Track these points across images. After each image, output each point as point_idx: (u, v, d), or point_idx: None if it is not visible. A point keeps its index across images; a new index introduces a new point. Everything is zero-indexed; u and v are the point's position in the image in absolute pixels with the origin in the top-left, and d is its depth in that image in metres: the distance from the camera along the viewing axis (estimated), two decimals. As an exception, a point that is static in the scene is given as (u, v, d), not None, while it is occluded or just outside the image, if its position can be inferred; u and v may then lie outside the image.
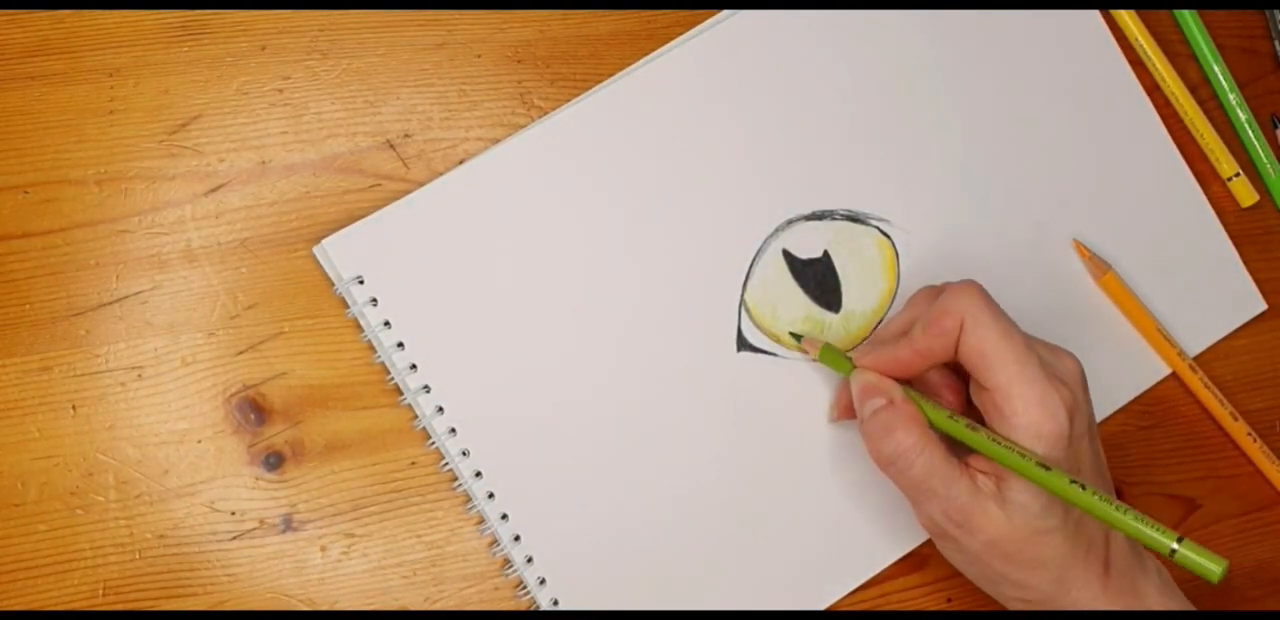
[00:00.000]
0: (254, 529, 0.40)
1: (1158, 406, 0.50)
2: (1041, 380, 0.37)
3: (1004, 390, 0.37)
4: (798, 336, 0.44)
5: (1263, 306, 0.51)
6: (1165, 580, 0.40)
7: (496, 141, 0.43)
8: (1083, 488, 0.35)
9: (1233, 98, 0.51)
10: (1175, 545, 0.34)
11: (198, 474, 0.40)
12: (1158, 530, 0.34)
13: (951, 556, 0.40)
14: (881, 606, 0.45)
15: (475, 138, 0.43)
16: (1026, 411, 0.37)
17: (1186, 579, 0.42)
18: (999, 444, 0.37)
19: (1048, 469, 0.36)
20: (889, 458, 0.38)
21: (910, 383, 0.40)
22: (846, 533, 0.44)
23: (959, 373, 0.41)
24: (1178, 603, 0.40)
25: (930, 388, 0.41)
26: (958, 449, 0.38)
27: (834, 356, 0.42)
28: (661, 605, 0.42)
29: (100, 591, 0.39)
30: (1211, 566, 0.33)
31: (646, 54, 0.44)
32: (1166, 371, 0.49)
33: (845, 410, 0.43)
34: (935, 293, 0.41)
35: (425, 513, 0.41)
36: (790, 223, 0.44)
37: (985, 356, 0.37)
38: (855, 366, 0.41)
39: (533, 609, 0.42)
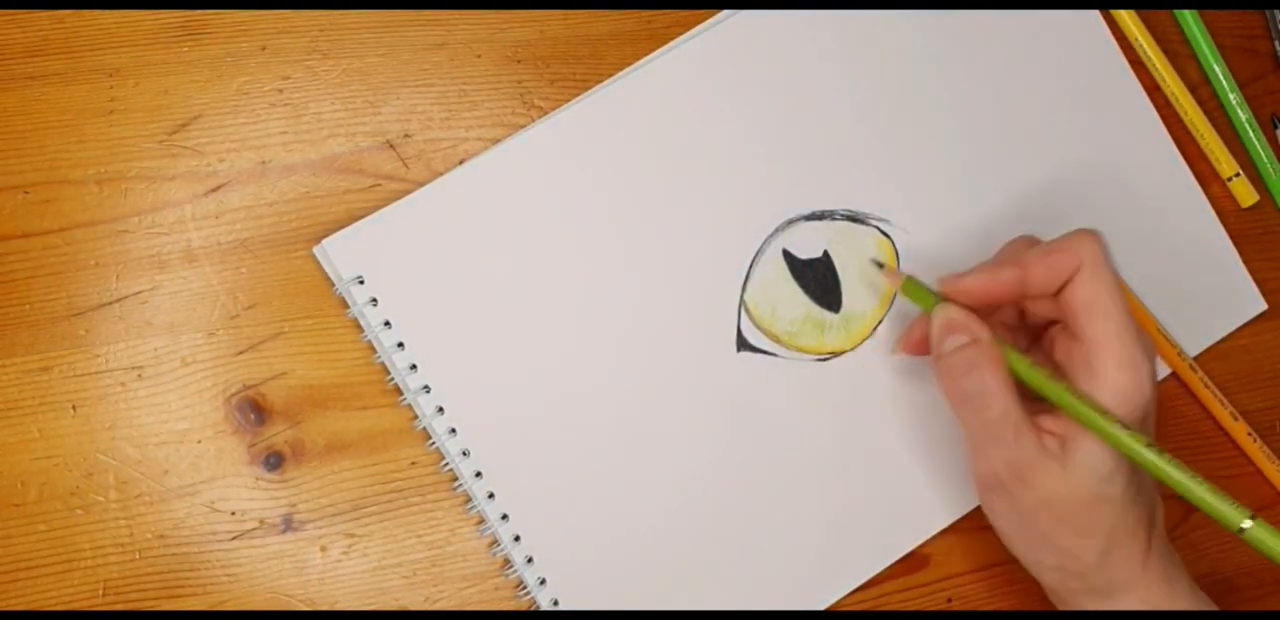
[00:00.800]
0: (254, 529, 0.40)
1: (1158, 406, 0.49)
2: (1135, 344, 0.36)
3: (1101, 345, 0.36)
4: (880, 265, 0.43)
5: (1263, 306, 0.51)
6: (1191, 579, 0.40)
7: (496, 141, 0.43)
8: (1159, 453, 0.35)
9: (1233, 98, 0.51)
10: (1248, 522, 0.33)
11: (198, 474, 0.40)
12: (1231, 505, 0.34)
13: (998, 512, 0.39)
14: (881, 606, 0.45)
15: (475, 138, 0.43)
16: (1119, 370, 0.36)
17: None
18: (1079, 398, 0.36)
19: (1127, 429, 0.35)
20: (967, 395, 0.37)
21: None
22: (846, 533, 0.44)
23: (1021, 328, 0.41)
24: (1203, 603, 0.39)
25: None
26: (1028, 406, 0.38)
27: (918, 290, 0.41)
28: (661, 605, 0.42)
29: (100, 591, 0.39)
30: None
31: (646, 54, 0.44)
32: (1166, 371, 0.49)
33: (915, 345, 0.42)
34: (1033, 241, 0.40)
35: (425, 513, 0.41)
36: (790, 223, 0.44)
37: (1093, 307, 0.37)
38: (941, 300, 0.39)
39: (533, 609, 0.42)
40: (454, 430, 0.41)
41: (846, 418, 0.44)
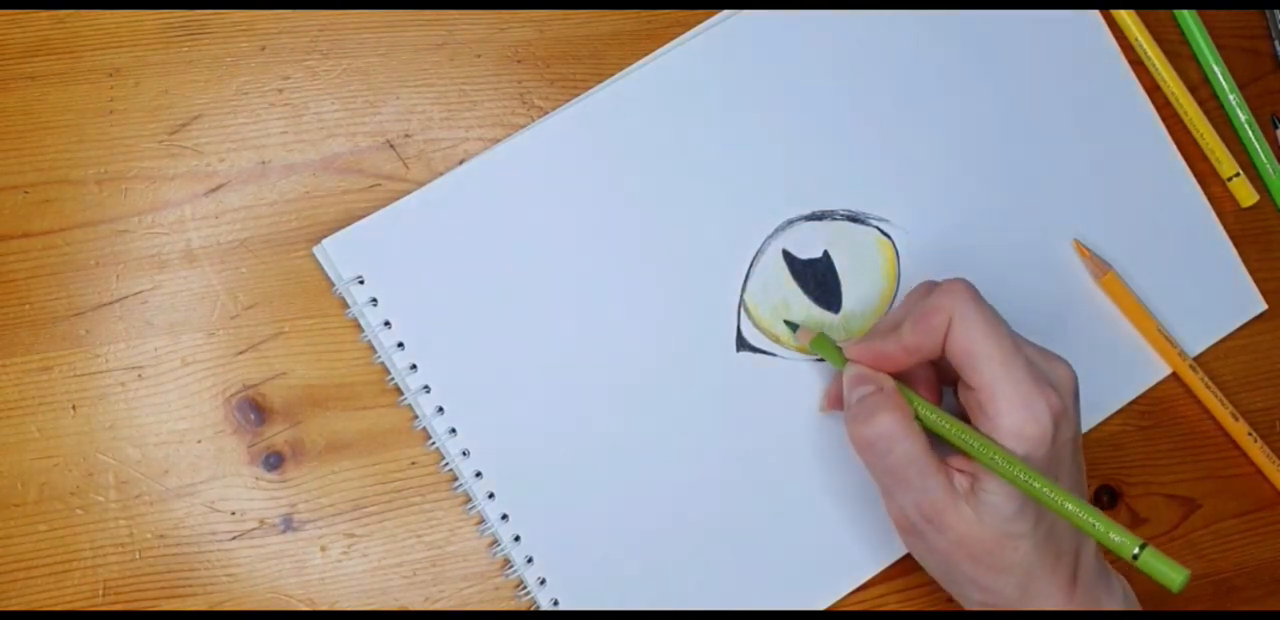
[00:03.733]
0: (254, 529, 0.40)
1: (1158, 406, 0.50)
2: (1027, 382, 0.37)
3: (988, 390, 0.37)
4: (793, 326, 0.44)
5: (1263, 306, 0.51)
6: (1130, 601, 0.40)
7: (496, 141, 0.43)
8: (1053, 489, 0.35)
9: (1233, 98, 0.51)
10: (1138, 550, 0.34)
11: (198, 474, 0.40)
12: (1123, 535, 0.34)
13: (918, 553, 0.40)
14: (882, 606, 0.45)
15: (475, 138, 0.43)
16: (1010, 412, 0.37)
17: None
18: (978, 440, 0.37)
19: (1024, 469, 0.36)
20: (869, 440, 0.38)
21: (893, 376, 0.40)
22: (846, 532, 0.44)
23: (940, 371, 0.41)
24: None
25: (909, 382, 0.41)
26: (940, 449, 0.38)
27: (827, 347, 0.42)
28: (661, 605, 0.42)
29: (100, 591, 0.39)
30: (1173, 575, 0.34)
31: (646, 54, 0.44)
32: (1166, 371, 0.49)
33: (836, 401, 0.43)
34: (931, 288, 0.41)
35: (425, 513, 0.41)
36: (790, 223, 0.44)
37: (971, 355, 0.37)
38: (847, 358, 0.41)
39: (533, 609, 0.42)
40: (454, 430, 0.41)
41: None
